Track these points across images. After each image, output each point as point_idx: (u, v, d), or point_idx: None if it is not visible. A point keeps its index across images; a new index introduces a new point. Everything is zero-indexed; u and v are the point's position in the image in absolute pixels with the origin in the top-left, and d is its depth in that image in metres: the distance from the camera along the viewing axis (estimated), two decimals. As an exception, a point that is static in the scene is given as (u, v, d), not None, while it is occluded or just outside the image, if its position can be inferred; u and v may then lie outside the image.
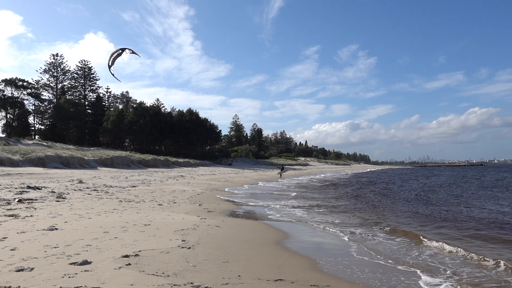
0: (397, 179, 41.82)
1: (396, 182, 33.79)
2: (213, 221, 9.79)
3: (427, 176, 53.51)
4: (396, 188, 27.47)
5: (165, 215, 10.15)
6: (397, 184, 32.78)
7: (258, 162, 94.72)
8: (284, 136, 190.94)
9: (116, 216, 9.47)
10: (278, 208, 14.28)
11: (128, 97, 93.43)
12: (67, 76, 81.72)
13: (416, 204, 16.19)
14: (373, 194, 21.46)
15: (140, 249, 6.28)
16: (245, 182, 30.48)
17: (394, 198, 19.08)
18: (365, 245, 8.14)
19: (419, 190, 24.64)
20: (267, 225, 10.24)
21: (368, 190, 25.13)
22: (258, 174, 46.84)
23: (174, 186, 20.95)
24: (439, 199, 18.42)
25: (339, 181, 37.04)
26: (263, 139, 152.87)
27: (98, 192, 15.11)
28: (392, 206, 15.59)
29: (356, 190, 25.14)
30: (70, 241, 6.55)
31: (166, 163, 54.95)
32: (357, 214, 12.88)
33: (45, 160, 32.07)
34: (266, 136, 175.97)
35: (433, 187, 28.48)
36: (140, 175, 30.74)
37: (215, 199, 16.05)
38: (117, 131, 73.38)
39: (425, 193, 22.52)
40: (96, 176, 25.52)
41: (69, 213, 9.47)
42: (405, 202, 17.31)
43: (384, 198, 19.34)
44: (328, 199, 18.59)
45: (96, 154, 42.30)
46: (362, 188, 27.30)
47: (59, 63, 80.00)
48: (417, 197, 19.57)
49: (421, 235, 8.90)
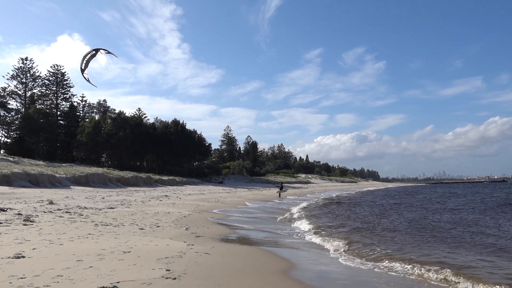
0: (414, 201, 41.94)
1: (413, 204, 33.71)
2: (201, 248, 9.74)
3: (440, 195, 53.57)
4: (405, 209, 27.49)
5: (147, 241, 10.09)
6: (414, 205, 32.81)
7: (253, 180, 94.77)
8: (282, 150, 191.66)
9: (91, 242, 9.40)
10: (277, 232, 14.22)
11: (106, 106, 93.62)
12: (37, 82, 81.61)
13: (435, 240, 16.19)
14: (385, 219, 21.46)
15: (118, 279, 6.23)
16: (239, 202, 30.40)
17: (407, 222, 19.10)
18: (380, 276, 8.12)
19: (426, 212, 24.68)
20: (264, 251, 10.21)
21: (379, 211, 25.16)
22: (253, 194, 46.75)
23: (157, 207, 20.85)
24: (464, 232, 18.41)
25: (345, 201, 37.02)
26: (258, 154, 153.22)
27: (71, 214, 15.01)
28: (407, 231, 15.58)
29: (367, 212, 25.15)
30: (39, 270, 6.48)
31: (148, 181, 54.79)
32: (366, 241, 12.86)
33: (11, 178, 31.85)
34: (262, 150, 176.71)
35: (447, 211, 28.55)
36: (119, 195, 30.59)
37: (204, 222, 15.98)
38: (93, 145, 73.18)
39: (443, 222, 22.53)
40: (68, 196, 25.37)
41: (38, 239, 9.38)
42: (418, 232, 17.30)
43: (398, 221, 19.36)
44: (334, 222, 18.57)
45: (69, 171, 42.12)
46: (372, 208, 27.33)
47: (29, 68, 79.96)
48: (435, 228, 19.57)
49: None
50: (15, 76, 78.64)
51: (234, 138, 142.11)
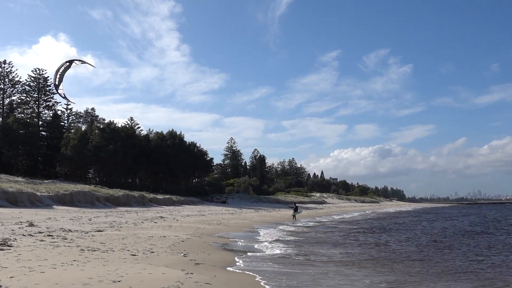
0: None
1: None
2: (202, 277, 9.74)
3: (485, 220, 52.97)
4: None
5: (140, 269, 10.10)
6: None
7: (260, 199, 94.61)
8: (294, 166, 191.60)
9: (76, 270, 9.42)
10: (288, 259, 14.18)
11: (94, 115, 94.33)
12: (16, 88, 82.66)
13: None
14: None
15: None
16: (244, 225, 30.40)
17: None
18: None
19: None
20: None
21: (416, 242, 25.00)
22: (260, 215, 46.70)
23: (151, 230, 20.89)
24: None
25: (368, 224, 36.84)
26: (266, 170, 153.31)
27: (54, 238, 15.07)
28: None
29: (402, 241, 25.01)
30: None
31: (141, 200, 54.88)
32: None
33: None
34: (271, 166, 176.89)
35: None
36: (108, 216, 30.68)
37: (204, 247, 15.99)
38: (79, 159, 73.51)
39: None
40: (51, 217, 25.48)
41: (16, 265, 9.42)
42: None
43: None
44: (355, 249, 18.49)
45: (52, 189, 42.31)
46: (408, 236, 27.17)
47: (7, 73, 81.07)
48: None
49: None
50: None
51: (239, 151, 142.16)
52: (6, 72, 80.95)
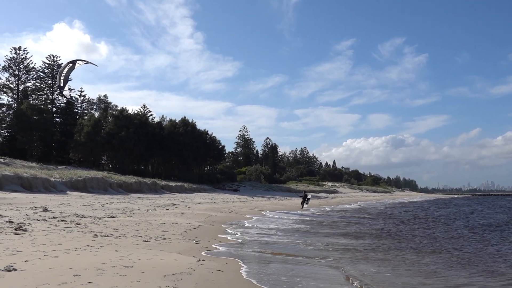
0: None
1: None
2: (213, 264, 9.81)
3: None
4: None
5: (152, 255, 10.19)
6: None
7: (271, 188, 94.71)
8: (306, 155, 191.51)
9: (89, 255, 9.54)
10: (300, 247, 14.21)
11: (107, 102, 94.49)
12: (31, 75, 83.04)
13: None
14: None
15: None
16: (255, 213, 30.47)
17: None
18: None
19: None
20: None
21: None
22: (271, 203, 46.77)
23: (163, 217, 21.02)
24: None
25: (381, 213, 36.77)
26: (278, 158, 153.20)
27: (67, 223, 15.25)
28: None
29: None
30: (32, 285, 6.61)
31: (153, 187, 55.23)
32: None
33: (2, 182, 32.46)
34: (283, 154, 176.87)
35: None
36: (121, 202, 30.92)
37: (216, 235, 16.09)
38: (92, 146, 73.89)
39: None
40: (64, 202, 25.75)
41: (31, 250, 9.56)
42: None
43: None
44: (368, 239, 18.47)
45: (65, 175, 42.73)
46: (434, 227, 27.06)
47: (22, 59, 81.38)
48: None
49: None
50: (6, 67, 79.98)
51: (251, 140, 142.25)
52: (21, 59, 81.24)
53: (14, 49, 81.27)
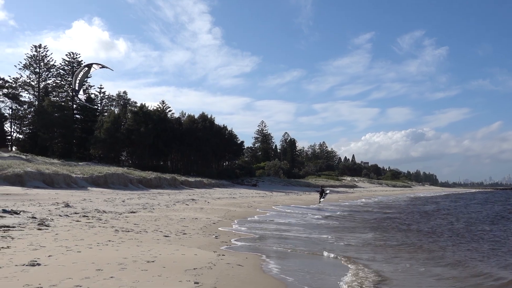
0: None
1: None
2: (234, 258, 9.85)
3: None
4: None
5: (173, 250, 10.28)
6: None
7: (290, 183, 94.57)
8: (325, 149, 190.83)
9: (111, 250, 9.66)
10: (321, 242, 14.17)
11: (126, 98, 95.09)
12: (51, 72, 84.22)
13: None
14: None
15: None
16: (275, 208, 30.46)
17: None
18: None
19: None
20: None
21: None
22: (290, 198, 46.75)
23: (183, 212, 21.17)
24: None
25: (403, 208, 36.49)
26: (297, 153, 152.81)
27: (89, 218, 15.45)
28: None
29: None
30: (56, 280, 6.72)
31: (173, 182, 55.58)
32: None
33: (24, 178, 33.00)
34: (301, 149, 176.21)
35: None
36: (141, 197, 31.19)
37: (235, 229, 16.15)
38: (112, 142, 74.52)
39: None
40: (86, 198, 26.07)
41: (54, 245, 9.72)
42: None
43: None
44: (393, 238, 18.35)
45: (86, 171, 43.22)
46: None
47: (42, 57, 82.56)
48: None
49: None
50: (27, 65, 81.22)
51: (270, 135, 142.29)
52: (41, 56, 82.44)
53: (34, 47, 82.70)
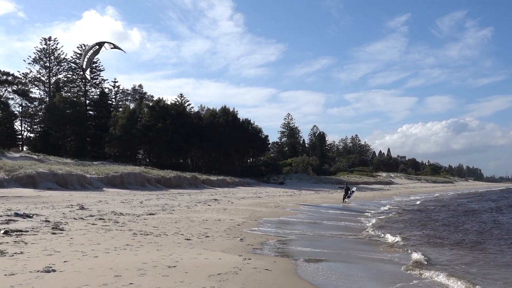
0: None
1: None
2: (260, 263, 9.84)
3: None
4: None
5: (195, 254, 10.34)
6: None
7: (320, 180, 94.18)
8: (357, 143, 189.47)
9: (130, 255, 9.76)
10: (358, 245, 14.09)
11: (142, 92, 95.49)
12: (62, 66, 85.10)
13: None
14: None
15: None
16: (304, 207, 30.34)
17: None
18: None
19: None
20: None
21: None
22: (321, 197, 46.55)
23: (205, 213, 21.26)
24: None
25: (454, 208, 36.02)
26: (327, 148, 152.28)
27: (105, 221, 15.64)
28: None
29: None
30: (72, 287, 6.82)
31: (193, 182, 55.82)
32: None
33: (37, 179, 33.56)
34: (332, 143, 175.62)
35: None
36: (160, 198, 31.43)
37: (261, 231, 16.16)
38: (128, 139, 74.71)
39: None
40: (101, 200, 26.40)
41: (69, 250, 9.87)
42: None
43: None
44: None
45: (101, 171, 43.67)
46: None
47: (53, 50, 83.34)
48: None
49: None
50: (37, 59, 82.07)
51: (297, 128, 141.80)
52: (51, 50, 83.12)
53: (44, 39, 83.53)
